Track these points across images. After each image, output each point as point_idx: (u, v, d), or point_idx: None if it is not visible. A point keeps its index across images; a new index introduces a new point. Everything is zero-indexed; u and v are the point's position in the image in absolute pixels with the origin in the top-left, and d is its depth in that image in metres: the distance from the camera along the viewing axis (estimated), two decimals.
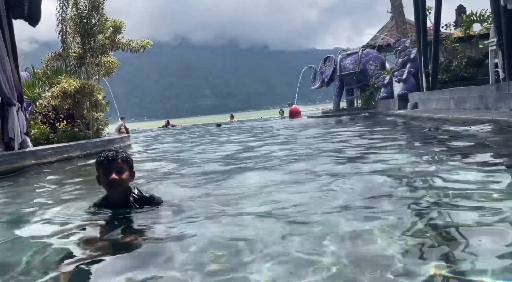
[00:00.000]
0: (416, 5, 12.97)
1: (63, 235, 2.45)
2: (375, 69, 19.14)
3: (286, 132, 11.83)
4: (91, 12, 10.60)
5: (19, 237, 2.55)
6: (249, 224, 2.41)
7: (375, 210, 2.48)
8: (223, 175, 4.35)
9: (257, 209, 2.70)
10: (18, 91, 7.80)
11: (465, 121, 7.43)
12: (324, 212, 2.49)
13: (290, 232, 2.18)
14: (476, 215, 2.18)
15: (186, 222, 2.49)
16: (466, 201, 2.48)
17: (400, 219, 2.24)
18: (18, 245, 2.44)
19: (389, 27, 22.91)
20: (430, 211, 2.36)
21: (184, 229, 2.34)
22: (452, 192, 2.73)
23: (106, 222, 2.56)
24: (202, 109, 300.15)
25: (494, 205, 2.36)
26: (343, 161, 4.80)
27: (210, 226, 2.40)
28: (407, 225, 2.13)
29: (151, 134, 18.80)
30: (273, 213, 2.57)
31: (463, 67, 12.98)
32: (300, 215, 2.50)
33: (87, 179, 5.25)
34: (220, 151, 7.52)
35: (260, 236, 2.12)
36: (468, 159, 3.94)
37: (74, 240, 2.33)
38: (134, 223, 2.53)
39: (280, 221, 2.38)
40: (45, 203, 3.69)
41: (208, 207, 2.87)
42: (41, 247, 2.28)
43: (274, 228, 2.27)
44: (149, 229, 2.42)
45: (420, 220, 2.21)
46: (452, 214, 2.25)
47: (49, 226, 2.72)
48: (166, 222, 2.51)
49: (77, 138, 9.32)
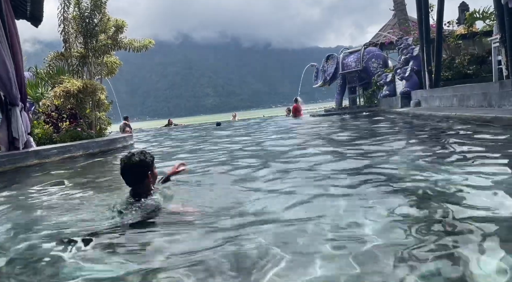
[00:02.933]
0: (418, 2, 12.91)
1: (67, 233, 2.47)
2: (377, 67, 19.07)
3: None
4: (93, 11, 10.64)
5: (24, 236, 2.57)
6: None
7: (375, 206, 2.48)
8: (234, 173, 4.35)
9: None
10: (22, 91, 7.83)
11: (468, 118, 7.40)
12: (325, 213, 2.50)
13: (289, 231, 2.18)
14: (478, 214, 2.18)
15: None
16: (467, 201, 2.47)
17: (401, 219, 2.24)
18: (23, 244, 2.45)
19: (392, 25, 22.84)
20: (431, 211, 2.35)
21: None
22: (452, 192, 2.72)
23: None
24: (205, 108, 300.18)
25: (495, 202, 2.35)
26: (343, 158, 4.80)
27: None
28: (408, 225, 2.13)
29: (153, 133, 18.83)
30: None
31: (466, 65, 12.92)
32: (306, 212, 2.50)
33: (89, 178, 5.27)
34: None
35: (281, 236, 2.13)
36: (470, 157, 3.92)
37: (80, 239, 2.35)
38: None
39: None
40: (46, 203, 3.71)
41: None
42: (45, 248, 2.29)
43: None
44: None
45: (421, 220, 2.21)
46: (456, 212, 2.24)
47: (49, 227, 2.74)
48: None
49: (80, 137, 9.36)
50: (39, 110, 10.64)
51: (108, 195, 3.93)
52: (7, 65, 7.31)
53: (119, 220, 2.60)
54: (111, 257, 2.04)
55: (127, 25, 11.53)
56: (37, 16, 10.12)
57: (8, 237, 2.60)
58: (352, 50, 21.23)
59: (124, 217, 2.62)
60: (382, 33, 22.50)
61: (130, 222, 2.54)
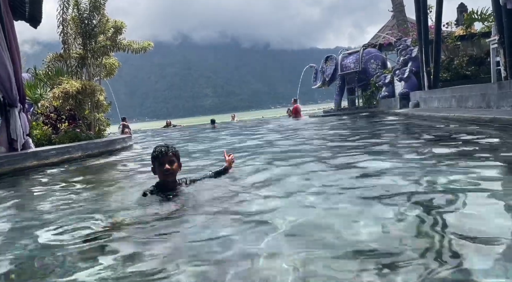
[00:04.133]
0: (417, 3, 12.94)
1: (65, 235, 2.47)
2: (376, 68, 19.11)
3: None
4: (92, 13, 10.63)
5: (26, 238, 2.57)
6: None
7: (375, 208, 2.48)
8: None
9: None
10: (21, 92, 7.83)
11: (467, 119, 7.42)
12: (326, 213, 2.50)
13: (289, 228, 2.18)
14: (479, 216, 2.18)
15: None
16: (467, 202, 2.48)
17: (402, 220, 2.24)
18: (24, 246, 2.45)
19: (390, 26, 22.89)
20: (433, 211, 2.36)
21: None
22: (453, 193, 2.73)
23: (160, 203, 3.03)
24: (204, 109, 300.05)
25: (496, 204, 2.36)
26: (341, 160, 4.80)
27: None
28: (408, 225, 2.13)
29: (152, 134, 18.83)
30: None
31: (464, 66, 12.96)
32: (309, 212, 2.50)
33: (88, 179, 5.26)
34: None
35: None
36: (470, 158, 3.93)
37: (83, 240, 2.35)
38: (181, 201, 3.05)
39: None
40: (47, 203, 3.71)
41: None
42: (47, 250, 2.29)
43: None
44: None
45: (422, 221, 2.21)
46: (455, 214, 2.25)
47: (50, 227, 2.74)
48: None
49: (79, 139, 9.35)
50: (38, 111, 10.63)
51: (109, 196, 3.93)
52: (6, 67, 7.30)
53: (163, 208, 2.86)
54: (112, 255, 2.04)
55: (126, 26, 11.52)
56: (36, 17, 10.10)
57: (6, 238, 2.60)
58: (351, 51, 21.27)
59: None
60: (381, 34, 22.55)
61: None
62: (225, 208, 2.86)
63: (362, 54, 19.87)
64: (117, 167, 6.76)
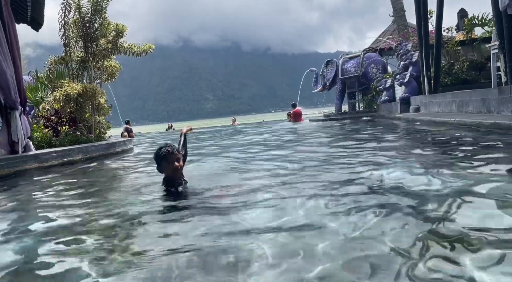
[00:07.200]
0: (417, 8, 12.98)
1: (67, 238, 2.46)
2: (376, 73, 19.14)
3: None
4: (93, 16, 10.66)
5: (21, 239, 2.57)
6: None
7: (375, 211, 2.48)
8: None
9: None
10: (22, 95, 7.84)
11: (467, 124, 7.42)
12: (326, 215, 2.50)
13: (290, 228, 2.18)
14: (480, 219, 2.18)
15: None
16: (469, 206, 2.48)
17: (403, 223, 2.24)
18: (24, 248, 2.45)
19: (391, 31, 22.97)
20: (434, 215, 2.36)
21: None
22: (453, 196, 2.73)
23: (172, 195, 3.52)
24: (205, 112, 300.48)
25: (497, 210, 2.36)
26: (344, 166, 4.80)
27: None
28: (410, 229, 2.13)
29: (153, 137, 18.83)
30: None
31: (465, 71, 12.98)
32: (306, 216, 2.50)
33: (89, 182, 5.26)
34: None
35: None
36: (470, 163, 3.93)
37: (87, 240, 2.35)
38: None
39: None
40: (47, 205, 3.71)
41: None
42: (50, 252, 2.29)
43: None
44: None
45: (423, 224, 2.21)
46: (457, 219, 2.25)
47: (50, 229, 2.74)
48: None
49: (80, 141, 9.36)
50: (38, 114, 10.64)
51: (110, 197, 3.93)
52: (7, 69, 7.32)
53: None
54: (113, 254, 2.04)
55: (127, 29, 11.55)
56: (37, 20, 10.16)
57: (5, 240, 2.60)
58: (351, 55, 21.31)
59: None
60: (381, 38, 22.61)
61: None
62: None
63: (362, 59, 19.91)
64: (118, 169, 6.77)
